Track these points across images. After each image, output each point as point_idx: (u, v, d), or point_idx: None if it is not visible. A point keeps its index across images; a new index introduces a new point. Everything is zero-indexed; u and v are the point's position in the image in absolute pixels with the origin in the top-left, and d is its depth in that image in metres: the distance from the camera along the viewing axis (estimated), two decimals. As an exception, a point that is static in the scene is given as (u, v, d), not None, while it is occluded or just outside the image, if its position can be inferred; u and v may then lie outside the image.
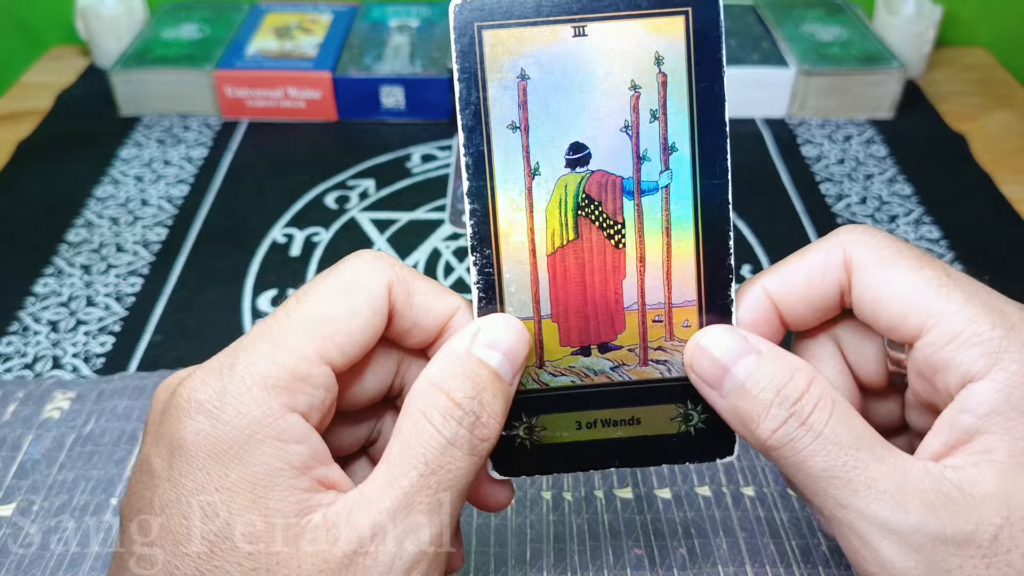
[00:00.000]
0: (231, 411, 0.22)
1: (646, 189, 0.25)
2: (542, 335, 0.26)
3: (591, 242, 0.26)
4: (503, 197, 0.25)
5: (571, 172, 0.25)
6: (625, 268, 0.26)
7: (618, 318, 0.26)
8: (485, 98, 0.25)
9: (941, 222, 0.57)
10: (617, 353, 0.26)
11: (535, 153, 0.25)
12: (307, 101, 0.67)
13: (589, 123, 0.25)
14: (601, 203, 0.25)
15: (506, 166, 0.25)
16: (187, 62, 0.68)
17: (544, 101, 0.25)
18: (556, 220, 0.25)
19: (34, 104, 0.71)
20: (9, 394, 0.44)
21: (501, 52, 0.24)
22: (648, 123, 0.25)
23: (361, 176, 0.62)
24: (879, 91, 0.67)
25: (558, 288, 0.26)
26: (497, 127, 0.25)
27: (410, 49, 0.70)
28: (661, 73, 0.25)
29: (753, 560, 0.36)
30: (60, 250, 0.55)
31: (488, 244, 0.25)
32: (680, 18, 0.24)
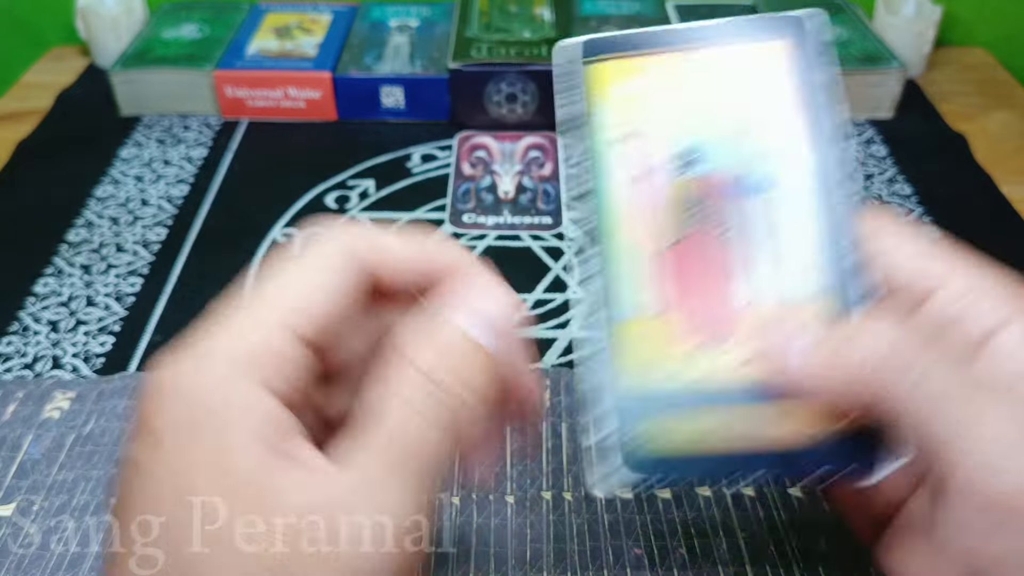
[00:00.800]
0: (201, 393, 0.21)
1: (757, 189, 0.25)
2: (651, 334, 0.26)
3: (701, 241, 0.26)
4: (609, 200, 0.26)
5: (682, 175, 0.25)
6: (735, 267, 0.25)
7: (730, 317, 0.25)
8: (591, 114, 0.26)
9: (941, 222, 0.57)
10: (733, 350, 0.26)
11: (644, 158, 0.25)
12: (307, 101, 0.67)
13: (700, 127, 0.25)
14: (712, 203, 0.25)
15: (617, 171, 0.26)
16: (187, 62, 0.68)
17: (655, 110, 0.25)
18: (665, 220, 0.26)
19: (34, 104, 0.71)
20: (9, 394, 0.44)
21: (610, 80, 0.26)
22: (759, 124, 0.25)
23: (361, 176, 0.62)
24: (879, 91, 0.67)
25: (667, 287, 0.25)
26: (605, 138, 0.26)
27: (410, 49, 0.70)
28: (769, 84, 0.26)
29: (753, 560, 0.36)
30: (60, 250, 0.55)
31: (597, 243, 0.26)
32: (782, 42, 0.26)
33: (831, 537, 0.37)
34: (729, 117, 0.25)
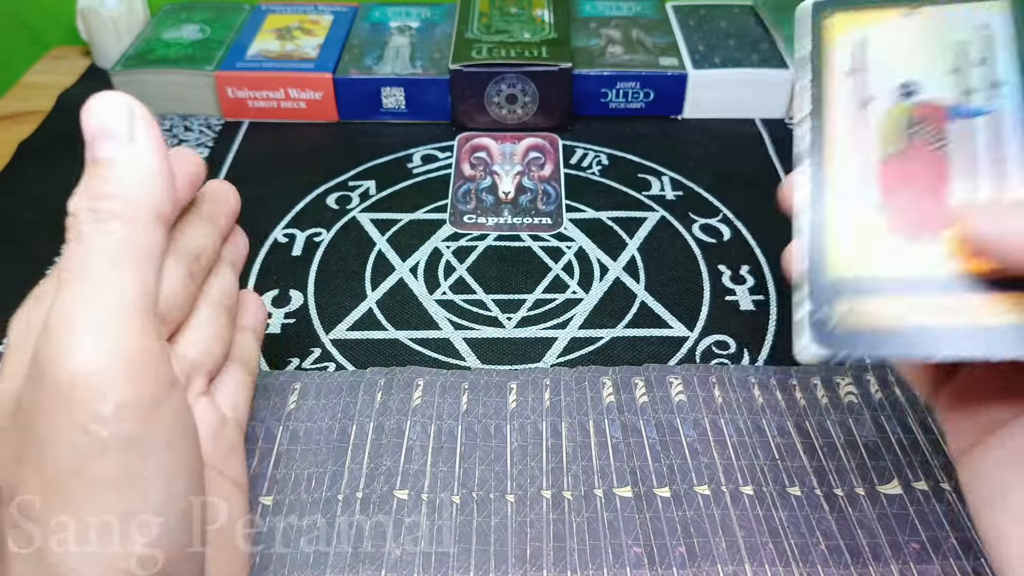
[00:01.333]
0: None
1: (973, 113, 0.28)
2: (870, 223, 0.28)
3: (920, 152, 0.28)
4: (837, 111, 0.29)
5: (902, 102, 0.29)
6: (952, 174, 0.28)
7: (945, 215, 0.27)
8: (824, 55, 0.30)
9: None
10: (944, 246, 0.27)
11: (870, 87, 0.29)
12: (308, 102, 0.67)
13: (920, 67, 0.29)
14: (929, 123, 0.28)
15: (843, 95, 0.29)
16: (188, 63, 0.68)
17: (878, 53, 0.29)
18: (886, 133, 0.29)
19: (35, 104, 0.71)
20: (11, 393, 0.44)
21: (842, 27, 0.30)
22: (976, 65, 0.28)
23: (362, 177, 0.62)
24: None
25: (888, 186, 0.28)
26: (836, 72, 0.30)
27: (411, 50, 0.70)
28: (988, 35, 0.28)
29: (752, 559, 0.36)
30: (61, 250, 0.55)
31: (821, 153, 0.29)
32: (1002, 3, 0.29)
33: (830, 536, 0.37)
34: (947, 58, 0.28)
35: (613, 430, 0.41)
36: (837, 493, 0.39)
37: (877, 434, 0.41)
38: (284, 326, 0.49)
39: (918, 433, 0.41)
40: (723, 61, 0.68)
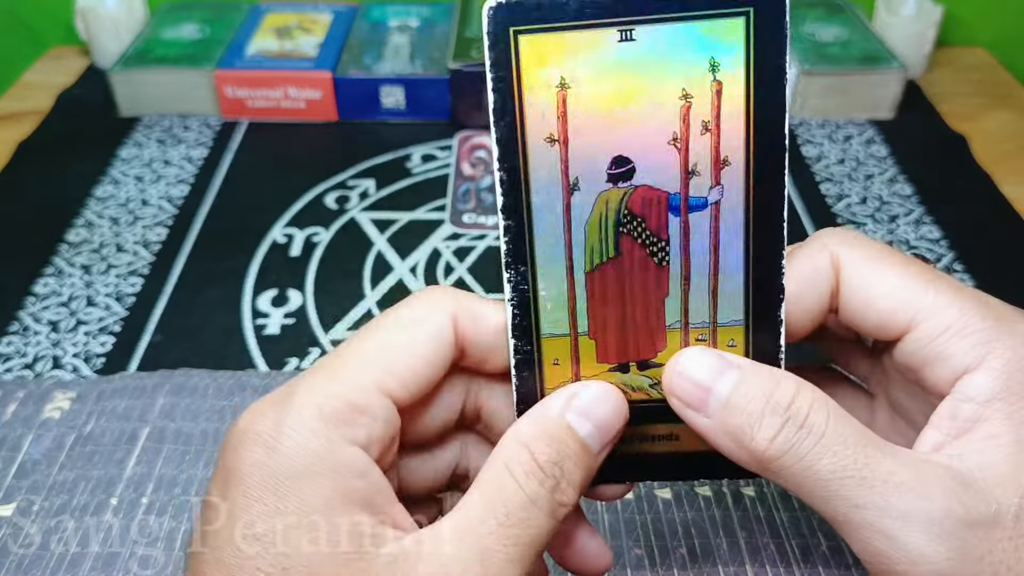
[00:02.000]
0: (288, 442, 0.21)
1: (694, 205, 0.24)
2: (579, 351, 0.25)
3: (633, 259, 0.24)
4: (539, 213, 0.24)
5: (613, 187, 0.24)
6: (668, 286, 0.25)
7: (659, 336, 0.25)
8: (521, 109, 0.23)
9: (941, 222, 0.57)
10: (657, 371, 0.25)
11: (575, 168, 0.23)
12: (307, 101, 0.67)
13: (634, 135, 0.23)
14: (645, 219, 0.24)
15: (543, 181, 0.24)
16: (187, 62, 0.68)
17: (585, 112, 0.23)
18: (596, 236, 0.24)
19: (34, 104, 0.71)
20: (9, 394, 0.43)
21: (539, 59, 0.23)
22: (699, 135, 0.23)
23: (361, 176, 0.62)
24: (879, 91, 0.67)
25: (596, 305, 0.25)
26: (534, 140, 0.23)
27: (410, 49, 0.70)
28: (716, 81, 0.23)
29: (753, 560, 0.36)
30: (60, 250, 0.55)
31: (523, 261, 0.24)
32: (740, 20, 0.22)
33: (831, 537, 0.37)
34: (667, 120, 0.23)
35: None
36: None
37: (879, 434, 0.41)
38: (283, 326, 0.49)
39: (920, 433, 0.41)
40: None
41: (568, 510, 0.23)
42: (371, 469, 0.22)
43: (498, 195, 0.24)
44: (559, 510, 0.23)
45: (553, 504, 0.22)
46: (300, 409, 0.22)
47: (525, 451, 0.23)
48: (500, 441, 0.23)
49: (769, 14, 0.22)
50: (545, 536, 0.22)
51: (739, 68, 0.23)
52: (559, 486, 0.22)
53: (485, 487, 0.22)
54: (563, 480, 0.23)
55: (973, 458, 0.22)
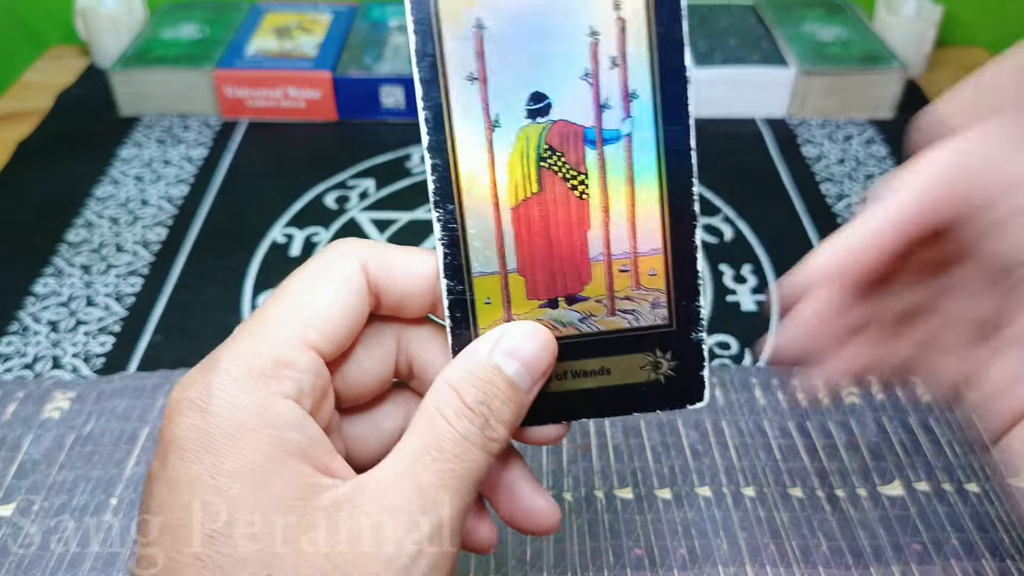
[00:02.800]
0: (219, 403, 0.22)
1: (608, 138, 0.25)
2: (509, 289, 0.26)
3: (555, 193, 0.25)
4: (464, 151, 0.25)
5: (532, 123, 0.25)
6: (590, 219, 0.25)
7: (584, 269, 0.26)
8: (442, 50, 0.24)
9: (941, 222, 0.57)
10: (585, 304, 0.26)
11: (495, 104, 0.24)
12: (307, 101, 0.67)
13: (549, 72, 0.24)
14: (563, 153, 0.25)
15: (466, 119, 0.24)
16: (187, 62, 0.68)
17: (502, 51, 0.24)
18: (519, 172, 0.25)
19: (34, 104, 0.71)
20: (9, 394, 0.43)
21: (456, 2, 0.24)
22: (608, 70, 0.24)
23: (361, 176, 0.62)
24: (879, 91, 0.67)
25: (523, 241, 0.25)
26: (455, 79, 0.24)
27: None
28: (620, 18, 0.24)
29: (753, 560, 0.36)
30: (60, 250, 0.55)
31: (451, 199, 0.25)
32: None
33: (832, 537, 0.37)
34: (577, 57, 0.24)
35: (614, 431, 0.41)
36: (839, 494, 0.38)
37: (879, 435, 0.41)
38: (283, 326, 0.49)
39: (919, 434, 0.41)
40: (724, 59, 0.68)
41: (500, 445, 0.24)
42: (305, 421, 0.23)
43: (423, 134, 0.24)
44: (491, 445, 0.23)
45: (484, 440, 0.23)
46: (228, 371, 0.22)
47: (453, 393, 0.23)
48: (431, 388, 0.24)
49: None
50: (480, 470, 0.23)
51: (640, 6, 0.24)
52: (488, 423, 0.23)
53: (418, 429, 0.23)
54: (491, 418, 0.23)
55: None
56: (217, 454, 0.22)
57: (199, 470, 0.21)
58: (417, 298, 0.26)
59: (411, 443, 0.23)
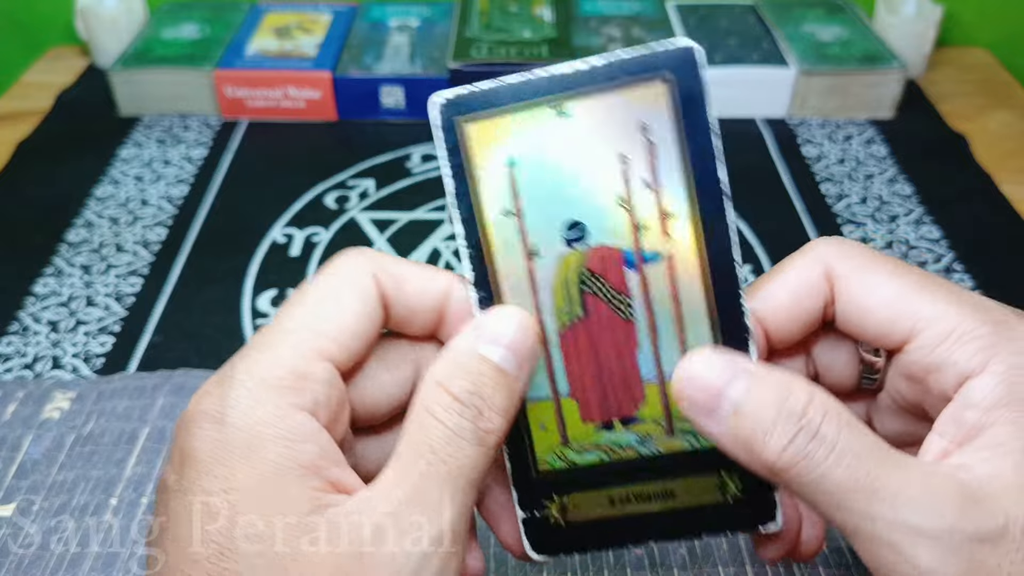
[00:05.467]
0: (235, 414, 0.22)
1: (648, 259, 0.25)
2: (563, 413, 0.26)
3: (600, 317, 0.25)
4: (506, 282, 0.25)
5: (571, 250, 0.25)
6: (637, 339, 0.25)
7: (636, 390, 0.26)
8: (477, 189, 0.25)
9: (941, 222, 0.57)
10: (642, 426, 0.26)
11: (533, 236, 0.25)
12: (307, 101, 0.67)
13: (583, 199, 0.25)
14: (605, 277, 0.25)
15: (506, 252, 0.25)
16: (187, 62, 0.68)
17: (536, 184, 0.25)
18: (562, 298, 0.25)
19: (34, 104, 0.71)
20: (9, 394, 0.43)
21: (487, 142, 0.24)
22: (642, 193, 0.24)
23: (361, 176, 0.62)
24: (879, 91, 0.67)
25: (572, 365, 0.25)
26: (492, 215, 0.25)
27: (410, 49, 0.70)
28: (649, 142, 0.24)
29: (753, 560, 0.36)
30: (60, 250, 0.55)
31: None
32: (660, 84, 0.24)
33: (831, 538, 0.37)
34: (611, 184, 0.24)
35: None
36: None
37: (879, 434, 0.41)
38: (283, 326, 0.49)
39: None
40: (724, 59, 0.68)
41: (497, 436, 0.23)
42: (319, 433, 0.22)
43: (467, 270, 0.25)
44: (486, 438, 0.23)
45: (479, 433, 0.23)
46: (243, 382, 0.22)
47: (441, 389, 0.23)
48: (420, 387, 0.24)
49: (686, 76, 0.24)
50: (477, 467, 0.23)
51: (668, 127, 0.24)
52: (481, 414, 0.23)
53: (409, 432, 0.23)
54: (484, 407, 0.23)
55: (981, 467, 0.22)
56: (230, 466, 0.22)
57: (212, 483, 0.21)
58: (424, 315, 0.26)
59: (404, 449, 0.23)
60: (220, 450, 0.22)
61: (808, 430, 0.22)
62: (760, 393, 0.23)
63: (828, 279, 0.25)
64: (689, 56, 0.24)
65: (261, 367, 0.23)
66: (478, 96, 0.24)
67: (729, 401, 0.23)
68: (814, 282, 0.25)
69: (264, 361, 0.23)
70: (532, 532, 0.26)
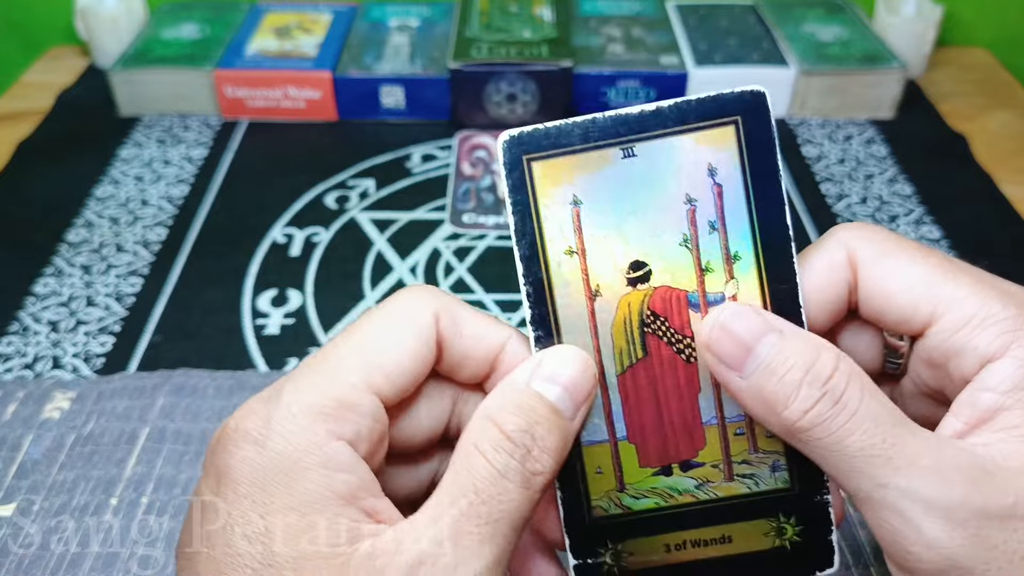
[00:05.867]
0: (276, 438, 0.22)
1: (712, 301, 0.25)
2: (620, 458, 0.25)
3: (661, 359, 0.25)
4: (565, 322, 0.25)
5: (633, 290, 0.25)
6: (699, 382, 0.25)
7: (697, 434, 0.25)
8: (540, 227, 0.25)
9: (941, 222, 0.57)
10: (700, 471, 0.25)
11: (594, 276, 0.25)
12: (307, 101, 0.67)
13: (647, 240, 0.25)
14: (667, 319, 0.25)
15: (566, 291, 0.25)
16: (187, 62, 0.68)
17: (599, 223, 0.25)
18: (623, 339, 0.25)
19: (34, 104, 0.71)
20: (9, 394, 0.43)
21: (552, 181, 0.24)
22: (708, 235, 0.24)
23: (361, 176, 0.62)
24: (879, 91, 0.67)
25: (631, 408, 0.25)
26: (554, 253, 0.25)
27: (410, 49, 0.70)
28: (716, 184, 0.24)
29: (753, 560, 0.36)
30: (60, 250, 0.55)
31: None
32: (730, 128, 0.24)
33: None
34: (675, 224, 0.24)
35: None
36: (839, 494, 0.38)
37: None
38: (283, 326, 0.49)
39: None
40: (724, 59, 0.68)
41: (545, 479, 0.23)
42: (358, 464, 0.22)
43: (526, 307, 0.25)
44: (533, 480, 0.22)
45: (525, 474, 0.22)
46: (288, 406, 0.22)
47: (491, 425, 0.22)
48: (470, 422, 0.23)
49: (755, 120, 0.24)
50: (520, 511, 0.22)
51: (735, 170, 0.24)
52: (531, 454, 0.22)
53: (456, 468, 0.22)
54: (535, 447, 0.22)
55: (996, 447, 0.22)
56: (268, 491, 0.21)
57: (249, 507, 0.21)
58: (476, 362, 0.25)
59: (447, 485, 0.22)
60: (259, 474, 0.21)
61: (832, 395, 0.22)
62: (789, 354, 0.23)
63: (851, 264, 0.25)
64: (760, 100, 0.24)
65: (308, 392, 0.22)
66: (546, 134, 0.24)
67: (756, 358, 0.23)
68: (837, 268, 0.25)
69: (312, 386, 0.22)
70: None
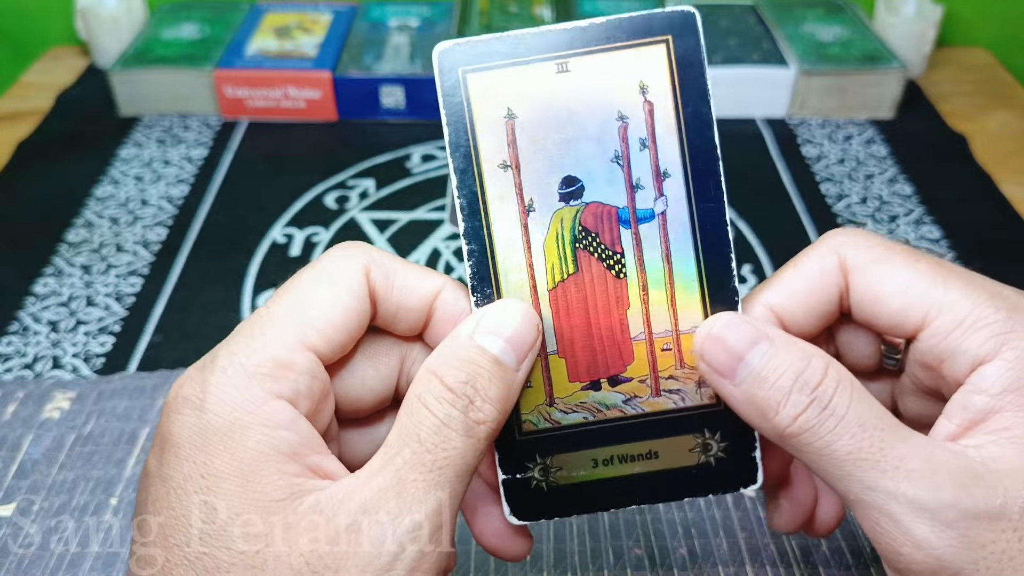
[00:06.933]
0: (214, 400, 0.22)
1: (642, 217, 0.25)
2: (550, 372, 0.26)
3: (592, 274, 0.25)
4: (499, 236, 0.25)
5: (566, 206, 0.25)
6: (628, 298, 0.25)
7: (626, 349, 0.25)
8: (475, 139, 0.25)
9: (941, 222, 0.57)
10: (628, 385, 0.26)
11: (528, 189, 0.25)
12: (307, 101, 0.67)
13: (580, 156, 0.25)
14: (598, 234, 0.25)
15: (500, 205, 0.25)
16: (187, 62, 0.68)
17: (533, 138, 0.25)
18: (555, 254, 0.25)
19: (34, 104, 0.71)
20: (9, 394, 0.43)
21: (487, 94, 0.25)
22: (638, 151, 0.25)
23: (361, 176, 0.62)
24: (879, 91, 0.67)
25: (562, 323, 0.25)
26: (489, 167, 0.25)
27: (410, 49, 0.70)
28: (647, 101, 0.25)
29: (753, 560, 0.36)
30: (60, 250, 0.55)
31: (488, 283, 0.25)
32: (660, 47, 0.25)
33: (832, 538, 0.37)
34: (608, 141, 0.25)
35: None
36: (839, 494, 0.38)
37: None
38: (283, 326, 0.49)
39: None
40: (724, 59, 0.68)
41: (489, 428, 0.23)
42: (299, 421, 0.22)
43: (460, 221, 0.25)
44: (477, 428, 0.23)
45: (468, 423, 0.23)
46: (224, 369, 0.22)
47: (434, 378, 0.23)
48: (415, 377, 0.24)
49: (686, 40, 0.25)
50: (465, 459, 0.23)
51: (666, 89, 0.25)
52: (473, 404, 0.23)
53: (400, 421, 0.23)
54: (477, 398, 0.23)
55: (987, 449, 0.22)
56: (209, 452, 0.22)
57: (191, 468, 0.22)
58: (412, 313, 0.25)
59: (392, 437, 0.23)
60: (199, 436, 0.22)
61: (820, 401, 0.22)
62: (779, 361, 0.23)
63: (843, 269, 0.25)
64: (690, 20, 0.25)
65: (243, 354, 0.23)
66: (482, 47, 0.25)
67: (748, 366, 0.23)
68: (828, 273, 0.25)
69: (247, 348, 0.23)
70: (514, 496, 0.26)
